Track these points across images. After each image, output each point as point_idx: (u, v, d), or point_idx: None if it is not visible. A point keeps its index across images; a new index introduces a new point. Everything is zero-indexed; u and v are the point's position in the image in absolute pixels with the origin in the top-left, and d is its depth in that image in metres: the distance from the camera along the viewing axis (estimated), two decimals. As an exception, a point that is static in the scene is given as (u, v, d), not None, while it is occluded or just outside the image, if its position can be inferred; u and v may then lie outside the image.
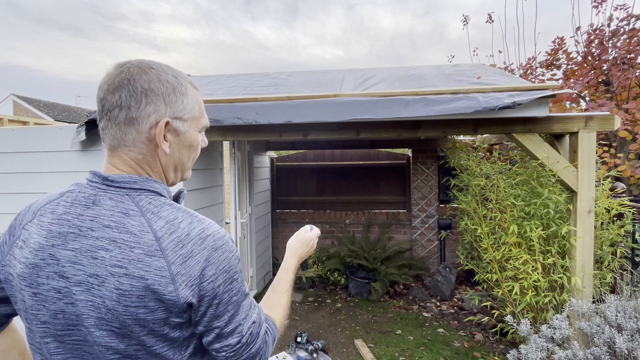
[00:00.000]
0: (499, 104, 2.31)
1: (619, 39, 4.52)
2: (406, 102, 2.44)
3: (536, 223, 2.65)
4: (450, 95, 2.45)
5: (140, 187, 0.73)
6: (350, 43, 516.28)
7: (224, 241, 0.73)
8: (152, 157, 0.76)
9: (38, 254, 0.70)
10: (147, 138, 0.73)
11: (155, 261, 0.67)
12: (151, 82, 0.72)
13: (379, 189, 5.52)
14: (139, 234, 0.68)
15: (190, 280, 0.68)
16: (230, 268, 0.73)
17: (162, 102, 0.73)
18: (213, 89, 3.40)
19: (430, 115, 2.41)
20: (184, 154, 0.80)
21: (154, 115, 0.72)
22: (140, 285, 0.66)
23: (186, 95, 0.77)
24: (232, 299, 0.73)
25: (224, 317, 0.73)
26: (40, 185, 2.90)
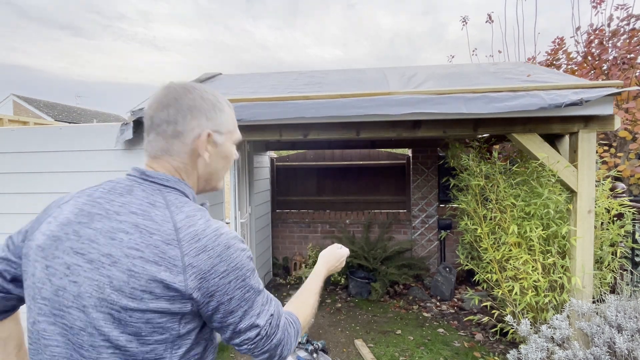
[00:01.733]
0: (565, 100, 2.29)
1: (619, 39, 4.52)
2: (466, 100, 2.41)
3: (536, 223, 2.65)
4: (510, 93, 2.41)
5: (171, 186, 0.81)
6: (350, 43, 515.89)
7: (236, 241, 0.78)
8: (192, 166, 0.86)
9: (64, 228, 0.75)
10: (190, 149, 0.83)
11: (171, 250, 0.71)
12: (195, 100, 0.83)
13: (378, 189, 5.52)
14: (160, 223, 0.73)
15: (200, 273, 0.72)
16: (242, 266, 0.77)
17: (204, 117, 0.83)
18: (255, 88, 3.34)
19: (492, 113, 2.37)
20: (219, 164, 0.89)
21: (198, 128, 0.83)
22: (152, 270, 0.69)
23: (223, 111, 0.87)
24: (244, 295, 0.77)
25: (237, 312, 0.76)
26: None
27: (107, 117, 25.06)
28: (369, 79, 3.47)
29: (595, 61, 4.59)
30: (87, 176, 2.86)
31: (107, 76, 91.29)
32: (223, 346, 3.37)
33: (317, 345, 2.90)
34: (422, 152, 5.16)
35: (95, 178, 2.84)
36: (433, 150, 5.13)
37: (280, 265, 5.42)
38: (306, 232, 5.49)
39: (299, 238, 5.52)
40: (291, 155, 5.82)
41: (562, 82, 2.63)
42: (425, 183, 5.16)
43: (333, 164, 5.62)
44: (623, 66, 4.17)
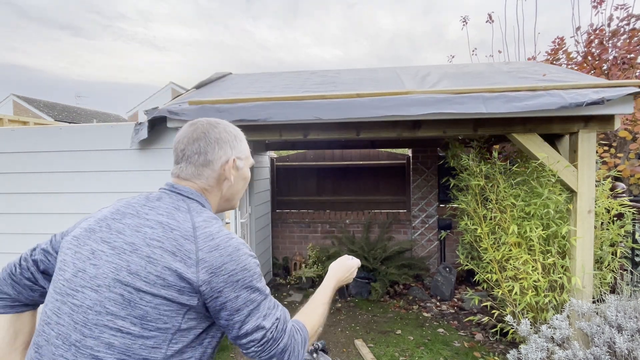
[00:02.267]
0: (586, 100, 2.27)
1: (619, 39, 4.52)
2: (485, 99, 2.38)
3: (536, 223, 2.64)
4: (529, 92, 2.39)
5: (194, 198, 0.93)
6: (350, 43, 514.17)
7: (245, 246, 0.87)
8: (218, 188, 0.99)
9: (99, 223, 0.87)
10: (218, 174, 0.97)
11: (187, 244, 0.81)
12: (220, 133, 0.97)
13: (379, 189, 5.52)
14: (181, 222, 0.85)
15: (211, 268, 0.80)
16: (250, 268, 0.84)
17: (229, 146, 0.98)
18: (267, 87, 3.31)
19: (512, 112, 2.35)
20: (240, 185, 1.04)
21: (225, 156, 0.97)
22: (169, 259, 0.79)
23: (242, 141, 1.03)
24: (250, 296, 0.83)
25: (243, 311, 0.82)
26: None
27: (107, 117, 25.06)
28: (382, 78, 3.44)
29: (595, 61, 4.59)
30: (88, 176, 2.86)
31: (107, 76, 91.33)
32: (223, 346, 3.37)
33: (317, 345, 2.90)
34: (422, 152, 5.16)
35: (96, 178, 2.84)
36: (433, 150, 5.13)
37: (280, 265, 5.42)
38: (306, 232, 5.49)
39: (299, 238, 5.52)
40: (291, 155, 5.82)
41: (581, 81, 2.59)
42: (425, 183, 5.16)
43: (333, 164, 5.62)
44: (623, 66, 4.17)
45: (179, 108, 2.63)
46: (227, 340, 3.47)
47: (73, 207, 2.87)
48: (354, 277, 1.27)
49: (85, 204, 2.85)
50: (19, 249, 3.12)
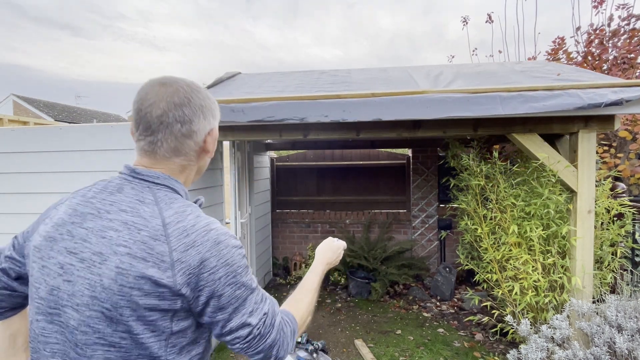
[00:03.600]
0: (604, 100, 2.24)
1: (619, 39, 4.52)
2: (502, 99, 2.34)
3: (536, 223, 2.64)
4: (547, 92, 2.36)
5: (161, 183, 0.80)
6: (350, 43, 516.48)
7: (227, 237, 0.77)
8: (195, 163, 0.87)
9: (58, 229, 0.76)
10: (200, 147, 0.85)
11: (158, 245, 0.71)
12: (203, 100, 0.84)
13: (379, 189, 5.52)
14: (148, 219, 0.73)
15: (189, 269, 0.71)
16: (232, 262, 0.76)
17: (211, 116, 0.86)
18: (279, 87, 3.30)
19: (529, 113, 2.31)
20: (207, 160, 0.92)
21: (208, 127, 0.86)
22: (140, 266, 0.69)
23: (218, 109, 0.91)
24: (235, 292, 0.75)
25: (227, 309, 0.75)
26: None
27: (107, 117, 25.06)
28: (394, 77, 3.42)
29: (595, 61, 4.59)
30: (88, 176, 2.86)
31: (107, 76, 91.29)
32: (223, 346, 3.37)
33: (317, 345, 2.90)
34: (422, 152, 5.16)
35: (96, 178, 2.84)
36: (433, 150, 5.13)
37: (280, 265, 5.42)
38: (306, 232, 5.49)
39: (299, 238, 5.52)
40: (291, 155, 5.82)
41: (598, 80, 2.56)
42: (425, 183, 5.16)
43: (333, 164, 5.62)
44: (623, 66, 4.17)
45: None
46: (227, 340, 3.46)
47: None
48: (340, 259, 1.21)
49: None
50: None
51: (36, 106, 19.91)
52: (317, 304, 4.41)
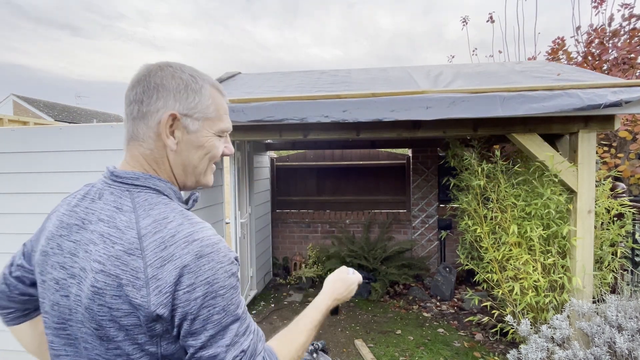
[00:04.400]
0: (603, 101, 2.24)
1: (619, 39, 4.51)
2: (502, 99, 2.34)
3: (536, 223, 2.64)
4: (547, 92, 2.35)
5: (141, 184, 0.72)
6: (349, 43, 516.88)
7: (213, 249, 0.66)
8: (160, 153, 0.74)
9: (49, 243, 0.73)
10: (155, 133, 0.73)
11: (133, 260, 0.63)
12: (164, 78, 0.73)
13: (379, 189, 5.52)
14: (123, 230, 0.65)
15: (165, 287, 0.62)
16: (214, 281, 0.64)
17: (172, 97, 0.73)
18: (280, 87, 3.30)
19: (529, 113, 2.31)
20: (193, 155, 0.76)
21: (162, 110, 0.72)
22: (114, 285, 0.62)
23: (199, 93, 0.75)
24: (212, 317, 0.64)
25: (200, 337, 0.63)
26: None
27: (107, 117, 25.06)
28: (394, 77, 3.42)
29: (595, 61, 4.59)
30: (88, 176, 2.86)
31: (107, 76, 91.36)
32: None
33: (317, 345, 2.90)
34: (422, 152, 5.16)
35: (96, 178, 2.84)
36: (433, 150, 5.13)
37: (280, 265, 5.42)
38: (306, 232, 5.49)
39: (299, 238, 5.52)
40: (291, 155, 5.82)
41: (598, 80, 2.55)
42: (425, 183, 5.16)
43: (333, 164, 5.62)
44: (623, 66, 4.17)
45: None
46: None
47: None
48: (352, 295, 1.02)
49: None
50: (19, 249, 3.10)
51: (36, 106, 19.91)
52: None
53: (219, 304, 0.64)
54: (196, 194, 0.82)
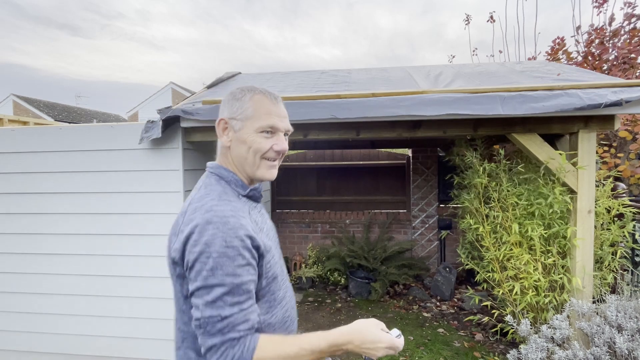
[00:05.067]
0: (603, 101, 2.23)
1: (619, 39, 4.51)
2: (502, 99, 2.33)
3: (538, 223, 2.64)
4: (547, 92, 2.35)
5: (212, 171, 0.99)
6: (349, 43, 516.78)
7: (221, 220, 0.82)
8: (226, 152, 1.00)
9: None
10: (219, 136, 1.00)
11: (179, 218, 0.89)
12: (225, 97, 1.01)
13: (379, 189, 5.52)
14: (187, 201, 0.93)
15: (182, 238, 0.83)
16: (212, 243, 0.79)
17: (225, 107, 0.99)
18: (280, 87, 3.30)
19: (529, 113, 2.31)
20: (241, 149, 0.97)
21: (220, 116, 0.99)
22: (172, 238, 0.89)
23: (241, 100, 0.97)
24: (201, 272, 0.79)
25: (192, 285, 0.81)
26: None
27: (107, 117, 25.06)
28: (394, 77, 3.42)
29: (595, 61, 4.59)
30: (88, 176, 2.86)
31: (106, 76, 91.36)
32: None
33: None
34: (422, 152, 5.16)
35: (97, 178, 2.84)
36: (433, 150, 5.13)
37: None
38: (306, 232, 5.49)
39: (299, 238, 5.52)
40: (291, 155, 5.82)
41: (598, 80, 2.55)
42: (425, 183, 5.16)
43: (333, 164, 5.62)
44: (624, 66, 4.17)
45: (192, 108, 2.63)
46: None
47: (75, 207, 2.87)
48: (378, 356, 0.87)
49: (87, 204, 2.85)
50: (22, 249, 3.12)
51: (36, 106, 19.91)
52: (317, 303, 4.42)
53: (209, 263, 0.79)
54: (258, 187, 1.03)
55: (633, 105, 2.30)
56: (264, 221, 1.02)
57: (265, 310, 0.92)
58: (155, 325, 2.84)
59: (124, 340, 2.88)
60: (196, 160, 3.01)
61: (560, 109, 2.28)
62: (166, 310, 2.82)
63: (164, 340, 2.84)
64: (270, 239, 1.00)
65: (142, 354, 2.87)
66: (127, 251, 2.83)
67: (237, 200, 0.93)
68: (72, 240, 2.89)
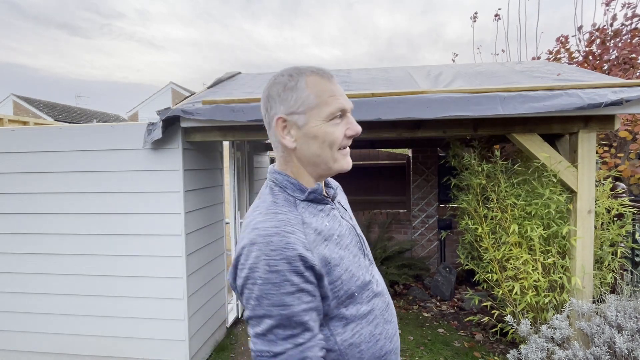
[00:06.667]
0: (604, 100, 2.23)
1: (620, 39, 4.51)
2: (502, 99, 2.33)
3: (537, 223, 2.64)
4: (547, 92, 2.35)
5: (273, 180, 0.86)
6: (348, 43, 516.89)
7: (265, 240, 0.70)
8: (289, 154, 0.84)
9: None
10: (277, 139, 0.83)
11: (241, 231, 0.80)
12: (270, 88, 0.82)
13: (378, 189, 5.52)
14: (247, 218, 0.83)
15: (234, 261, 0.77)
16: (255, 268, 0.69)
17: (278, 102, 0.81)
18: None
19: (529, 113, 2.30)
20: (312, 146, 0.80)
21: (274, 116, 0.81)
22: None
23: (295, 89, 0.79)
24: (249, 300, 0.71)
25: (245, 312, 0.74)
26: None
27: (107, 117, 25.06)
28: (395, 77, 3.41)
29: (596, 61, 4.59)
30: (88, 176, 2.86)
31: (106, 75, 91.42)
32: (223, 345, 3.37)
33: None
34: (422, 152, 5.16)
35: (97, 178, 2.84)
36: (433, 150, 5.13)
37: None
38: (306, 232, 5.48)
39: (299, 238, 5.51)
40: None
41: (598, 80, 2.55)
42: (425, 183, 5.16)
43: (333, 163, 5.60)
44: (624, 66, 4.17)
45: (192, 108, 2.63)
46: (227, 340, 3.47)
47: (75, 207, 2.87)
48: None
49: (88, 204, 2.86)
50: (22, 249, 3.11)
51: (36, 106, 19.92)
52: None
53: (254, 291, 0.70)
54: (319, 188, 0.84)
55: (633, 105, 2.30)
56: (335, 225, 0.83)
57: (343, 328, 0.78)
58: (156, 325, 2.84)
59: (125, 340, 2.89)
60: (196, 160, 3.02)
61: (560, 109, 2.28)
62: (167, 310, 2.82)
63: (164, 340, 2.84)
64: (344, 247, 0.82)
65: (142, 354, 2.87)
66: (127, 251, 2.83)
67: (291, 209, 0.78)
68: (72, 240, 2.89)
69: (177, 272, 2.79)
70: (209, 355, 3.21)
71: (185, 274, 2.79)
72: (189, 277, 2.84)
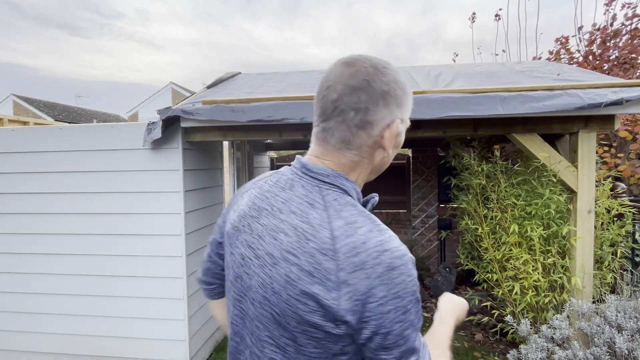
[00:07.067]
0: (604, 100, 2.24)
1: (620, 39, 4.52)
2: (502, 99, 2.33)
3: (537, 223, 2.64)
4: (547, 92, 2.35)
5: (330, 182, 0.70)
6: (348, 43, 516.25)
7: (403, 261, 0.64)
8: (369, 159, 0.73)
9: (241, 220, 0.76)
10: (374, 141, 0.71)
11: (326, 261, 0.63)
12: (389, 84, 0.69)
13: (378, 189, 5.52)
14: (317, 228, 0.65)
15: (357, 294, 0.61)
16: (405, 294, 0.63)
17: (395, 104, 0.70)
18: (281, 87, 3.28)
19: (529, 113, 2.30)
20: (392, 155, 0.77)
21: (388, 118, 0.70)
22: (307, 281, 0.63)
23: (409, 93, 0.74)
24: (404, 332, 0.63)
25: (394, 352, 0.63)
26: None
27: (107, 117, 25.08)
28: None
29: (596, 61, 4.59)
30: (88, 176, 2.86)
31: (106, 75, 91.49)
32: (223, 346, 3.37)
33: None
34: (422, 152, 5.16)
35: (97, 178, 2.84)
36: (433, 150, 5.13)
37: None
38: (306, 232, 5.48)
39: (299, 238, 5.52)
40: (291, 155, 5.82)
41: (598, 80, 2.55)
42: (425, 183, 5.16)
43: (333, 163, 5.61)
44: (624, 66, 4.17)
45: (192, 108, 2.63)
46: (227, 340, 3.46)
47: (75, 207, 2.87)
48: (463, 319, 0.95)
49: (88, 204, 2.86)
50: (22, 249, 3.11)
51: (36, 106, 19.93)
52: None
53: (409, 319, 0.64)
54: (375, 197, 0.80)
55: (633, 105, 2.30)
56: None
57: None
58: (156, 325, 2.84)
59: (125, 340, 2.89)
60: (196, 160, 3.02)
61: (560, 109, 2.28)
62: (167, 310, 2.82)
63: (164, 340, 2.84)
64: None
65: (142, 354, 2.87)
66: (127, 251, 2.84)
67: None
68: (72, 240, 2.89)
69: (177, 272, 2.79)
70: (209, 355, 3.21)
71: (185, 274, 2.79)
72: (189, 277, 2.85)
